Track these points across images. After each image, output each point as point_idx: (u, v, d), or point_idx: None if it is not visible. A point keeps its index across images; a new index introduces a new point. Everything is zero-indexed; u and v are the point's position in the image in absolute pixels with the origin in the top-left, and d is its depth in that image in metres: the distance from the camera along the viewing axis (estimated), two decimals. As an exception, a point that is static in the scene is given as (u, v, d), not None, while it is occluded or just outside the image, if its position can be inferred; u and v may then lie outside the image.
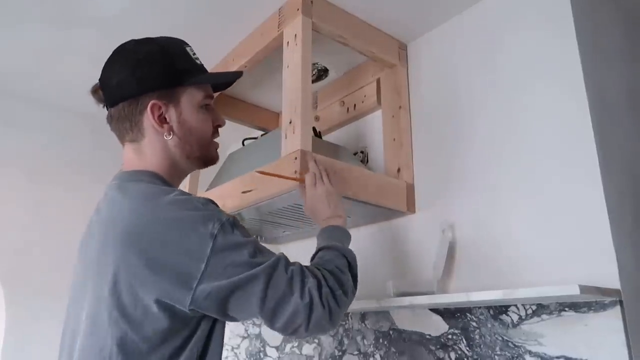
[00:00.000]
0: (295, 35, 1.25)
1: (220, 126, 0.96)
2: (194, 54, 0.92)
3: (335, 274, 0.84)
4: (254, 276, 0.74)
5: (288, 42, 1.28)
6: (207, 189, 1.51)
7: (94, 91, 0.90)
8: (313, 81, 1.68)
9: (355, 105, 1.60)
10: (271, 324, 0.77)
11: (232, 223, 0.78)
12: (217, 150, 0.96)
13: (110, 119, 0.89)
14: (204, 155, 0.93)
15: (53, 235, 1.80)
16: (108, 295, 0.75)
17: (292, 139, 1.17)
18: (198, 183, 1.63)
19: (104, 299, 0.75)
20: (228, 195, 1.34)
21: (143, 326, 0.73)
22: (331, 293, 0.80)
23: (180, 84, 0.88)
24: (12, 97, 1.83)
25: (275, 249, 1.86)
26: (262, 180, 1.22)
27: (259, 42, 1.41)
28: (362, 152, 1.58)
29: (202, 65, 0.93)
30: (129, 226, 0.77)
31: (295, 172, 1.11)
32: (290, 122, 1.20)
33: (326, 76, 1.68)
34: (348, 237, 1.00)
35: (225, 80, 1.01)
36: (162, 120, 0.86)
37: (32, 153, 1.85)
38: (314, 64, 1.60)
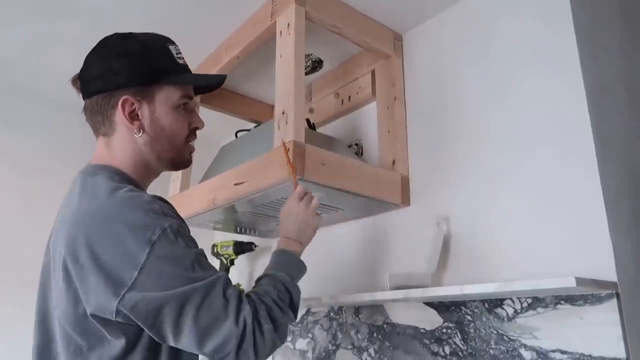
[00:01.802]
0: (289, 24, 1.22)
1: (197, 129, 0.93)
2: (178, 53, 0.90)
3: (271, 308, 0.79)
4: (188, 292, 0.70)
5: (281, 32, 1.25)
6: (200, 181, 1.49)
7: (73, 81, 0.89)
8: (307, 73, 1.66)
9: (350, 97, 1.59)
10: (199, 347, 0.71)
11: (176, 231, 0.74)
12: (192, 154, 0.94)
13: (85, 110, 0.88)
14: (175, 157, 0.90)
15: (44, 231, 1.76)
16: (56, 290, 0.77)
17: (285, 130, 1.15)
18: (190, 175, 1.61)
19: (56, 294, 0.78)
20: (220, 187, 1.32)
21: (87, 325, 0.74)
22: (259, 327, 0.75)
23: (156, 82, 0.86)
24: (-1, 90, 1.80)
25: (269, 242, 1.84)
26: (255, 172, 1.20)
27: (251, 32, 1.39)
28: (356, 144, 1.56)
29: (184, 65, 0.91)
30: (74, 219, 0.76)
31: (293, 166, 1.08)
32: (283, 113, 1.18)
33: (320, 67, 1.66)
34: (303, 270, 0.96)
35: (205, 83, 0.98)
36: (133, 116, 0.85)
37: (20, 146, 1.81)
38: (308, 55, 1.58)
